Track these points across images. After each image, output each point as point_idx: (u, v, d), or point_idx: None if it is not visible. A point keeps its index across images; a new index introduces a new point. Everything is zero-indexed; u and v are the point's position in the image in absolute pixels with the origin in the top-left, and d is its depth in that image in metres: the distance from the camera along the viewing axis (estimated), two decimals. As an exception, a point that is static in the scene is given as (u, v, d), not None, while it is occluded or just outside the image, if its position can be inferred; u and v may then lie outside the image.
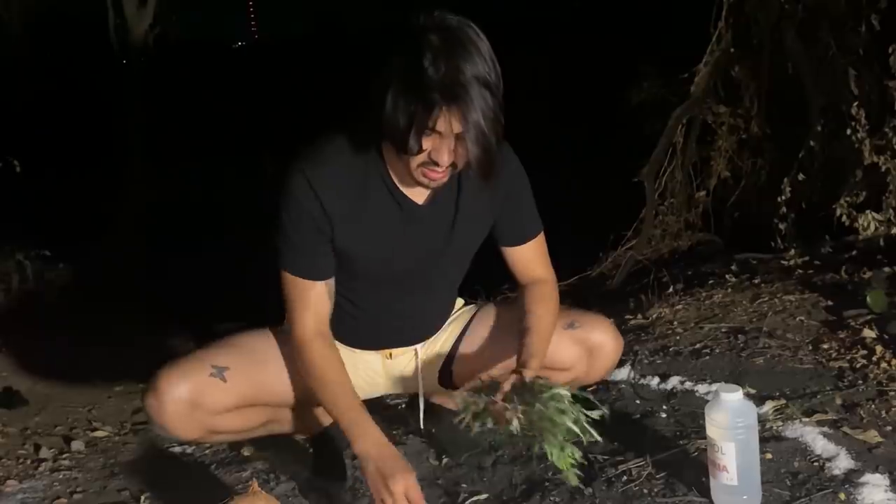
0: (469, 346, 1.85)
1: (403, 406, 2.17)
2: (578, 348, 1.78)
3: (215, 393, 1.65)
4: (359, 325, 1.78)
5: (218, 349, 1.73)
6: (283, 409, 1.83)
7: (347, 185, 1.60)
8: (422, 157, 1.48)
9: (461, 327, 1.88)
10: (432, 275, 1.75)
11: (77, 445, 2.55)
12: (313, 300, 1.64)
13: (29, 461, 2.42)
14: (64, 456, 2.46)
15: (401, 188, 1.63)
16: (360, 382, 1.78)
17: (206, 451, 2.33)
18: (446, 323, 1.89)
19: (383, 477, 1.48)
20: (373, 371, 1.85)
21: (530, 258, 1.79)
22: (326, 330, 1.67)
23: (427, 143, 1.46)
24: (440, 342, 1.88)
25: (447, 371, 1.87)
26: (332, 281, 1.67)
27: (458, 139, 1.45)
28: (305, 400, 1.78)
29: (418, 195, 1.65)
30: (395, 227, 1.65)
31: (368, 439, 1.54)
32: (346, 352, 1.78)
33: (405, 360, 1.86)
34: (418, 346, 1.86)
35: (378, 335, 1.81)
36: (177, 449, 2.41)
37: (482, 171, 1.48)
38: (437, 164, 1.48)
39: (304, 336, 1.64)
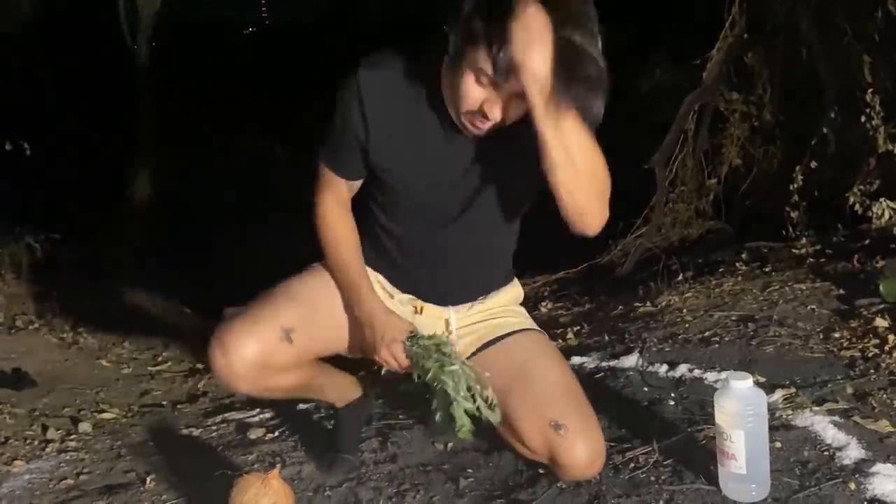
0: (492, 358, 1.73)
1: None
2: (549, 454, 1.62)
3: (282, 355, 1.65)
4: (395, 261, 1.76)
5: (284, 306, 1.69)
6: (318, 378, 1.84)
7: (396, 94, 1.57)
8: (472, 106, 1.46)
9: (504, 331, 1.77)
10: (473, 210, 1.66)
11: (84, 427, 2.56)
12: (336, 189, 1.72)
13: (36, 442, 2.43)
14: (71, 437, 2.47)
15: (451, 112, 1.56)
16: None
17: (213, 434, 2.34)
18: (491, 302, 1.81)
19: (373, 342, 1.65)
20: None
21: None
22: (345, 207, 1.74)
23: (482, 93, 1.44)
24: (476, 334, 1.78)
25: None
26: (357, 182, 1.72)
27: (517, 98, 1.42)
28: (353, 348, 1.78)
29: None
30: (437, 146, 1.60)
31: (364, 306, 1.68)
32: (383, 296, 1.75)
33: (432, 320, 1.78)
34: (452, 313, 1.79)
35: (410, 275, 1.76)
36: (183, 431, 2.42)
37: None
38: (486, 117, 1.46)
39: (324, 208, 1.73)
